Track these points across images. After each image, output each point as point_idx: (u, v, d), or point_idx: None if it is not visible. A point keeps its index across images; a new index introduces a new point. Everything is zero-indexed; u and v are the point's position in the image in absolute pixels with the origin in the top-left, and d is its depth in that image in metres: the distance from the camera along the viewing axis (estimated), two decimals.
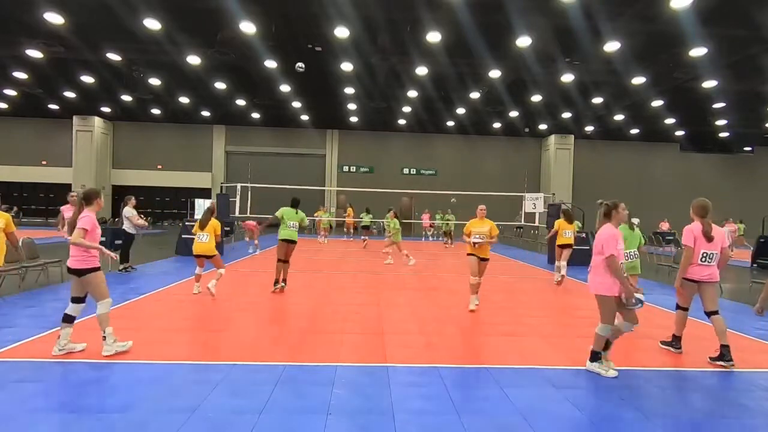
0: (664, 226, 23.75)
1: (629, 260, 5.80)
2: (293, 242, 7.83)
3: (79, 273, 4.30)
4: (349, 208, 22.05)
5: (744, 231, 21.80)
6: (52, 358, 4.27)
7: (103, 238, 9.92)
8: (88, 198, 4.42)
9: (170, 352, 4.62)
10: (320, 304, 7.08)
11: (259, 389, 3.67)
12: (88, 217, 4.32)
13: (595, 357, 4.30)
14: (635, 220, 21.66)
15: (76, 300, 4.42)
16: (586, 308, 7.30)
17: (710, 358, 4.70)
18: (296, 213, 7.98)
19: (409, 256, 12.09)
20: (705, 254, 4.64)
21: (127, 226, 9.51)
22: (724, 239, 4.73)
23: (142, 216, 10.18)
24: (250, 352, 4.61)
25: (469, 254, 6.80)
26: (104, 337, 4.33)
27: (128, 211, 9.45)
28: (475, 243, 6.62)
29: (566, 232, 9.60)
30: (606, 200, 4.55)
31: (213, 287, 7.07)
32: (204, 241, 7.18)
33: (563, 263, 9.38)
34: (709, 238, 4.64)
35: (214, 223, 7.31)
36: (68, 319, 4.41)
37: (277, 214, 7.95)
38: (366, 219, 18.12)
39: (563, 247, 9.50)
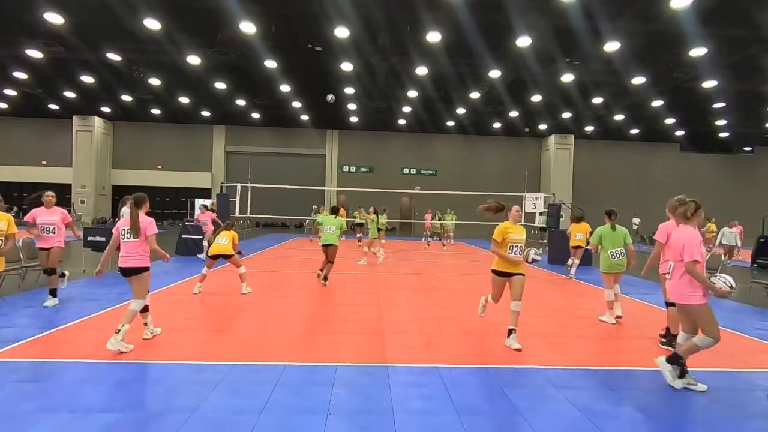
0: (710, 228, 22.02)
1: (614, 259, 6.22)
2: (333, 245, 8.62)
3: (137, 271, 4.67)
4: (341, 209, 21.70)
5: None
6: (52, 358, 4.28)
7: (103, 238, 9.95)
8: (140, 202, 4.87)
9: (170, 352, 4.62)
10: (320, 304, 7.08)
11: (259, 389, 3.67)
12: (152, 222, 4.81)
13: (675, 360, 3.99)
14: (636, 220, 21.48)
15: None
16: (586, 308, 7.31)
17: (661, 336, 5.27)
18: (335, 218, 8.77)
19: (376, 253, 12.62)
20: None
21: None
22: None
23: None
24: (250, 352, 4.61)
25: (495, 270, 5.17)
26: (118, 330, 4.43)
27: (125, 211, 9.41)
28: (532, 260, 5.19)
29: (577, 234, 10.32)
30: (690, 198, 4.16)
31: (245, 287, 7.71)
32: (224, 243, 7.58)
33: (576, 260, 10.34)
34: None
35: (234, 233, 7.86)
36: (145, 309, 4.85)
37: (318, 220, 9.10)
38: (381, 220, 16.69)
39: (575, 248, 10.47)
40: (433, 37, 13.19)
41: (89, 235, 9.81)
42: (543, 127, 26.84)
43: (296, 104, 22.72)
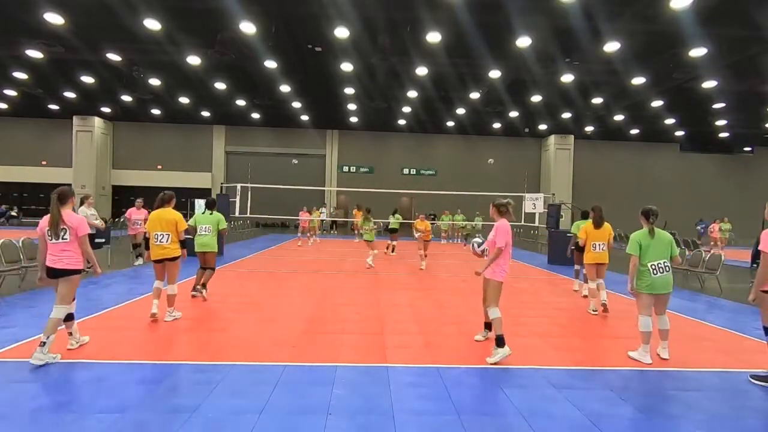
0: (717, 229, 20.37)
1: (656, 275, 4.75)
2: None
3: (64, 273, 4.23)
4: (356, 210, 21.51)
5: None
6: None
7: (102, 239, 9.95)
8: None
9: (170, 352, 4.63)
10: (320, 304, 7.08)
11: (259, 389, 3.67)
12: (83, 220, 4.42)
13: None
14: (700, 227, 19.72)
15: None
16: (585, 308, 7.29)
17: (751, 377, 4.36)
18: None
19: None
20: None
21: None
22: None
23: (99, 217, 10.07)
24: (250, 352, 4.61)
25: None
26: (43, 343, 4.11)
27: (82, 211, 9.29)
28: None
29: (598, 245, 8.24)
30: None
31: (169, 314, 5.99)
32: (164, 243, 5.84)
33: (601, 283, 8.91)
34: None
35: (174, 216, 5.93)
36: (70, 317, 4.42)
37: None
38: (394, 221, 15.58)
39: (597, 265, 9.09)
40: (433, 37, 13.19)
41: None
42: (543, 127, 26.83)
43: (296, 104, 22.71)
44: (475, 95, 19.59)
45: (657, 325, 4.82)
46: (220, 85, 19.51)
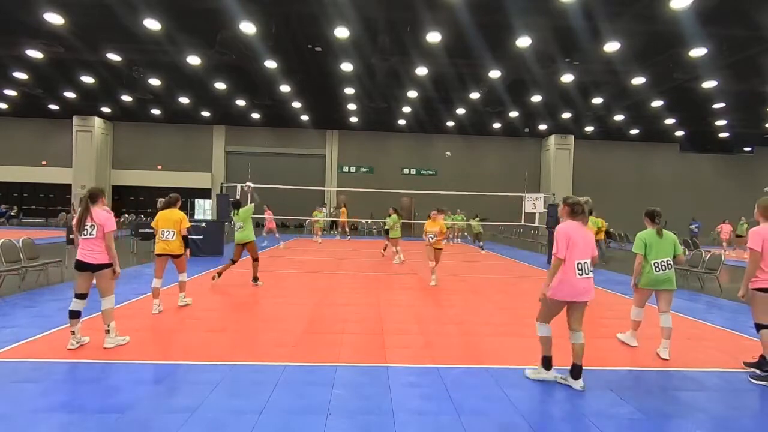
0: (726, 229, 20.43)
1: (659, 272, 5.01)
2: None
3: (97, 268, 4.59)
4: (343, 207, 21.35)
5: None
6: (52, 358, 4.27)
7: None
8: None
9: (170, 352, 4.63)
10: (320, 304, 7.08)
11: (259, 389, 3.67)
12: (110, 217, 4.84)
13: None
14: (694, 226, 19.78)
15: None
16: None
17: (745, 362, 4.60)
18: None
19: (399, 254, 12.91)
20: None
21: None
22: None
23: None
24: (250, 352, 4.61)
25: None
26: (107, 330, 4.66)
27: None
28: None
29: None
30: None
31: (181, 299, 6.70)
32: (169, 239, 6.37)
33: None
34: None
35: (178, 216, 6.48)
36: (77, 315, 4.60)
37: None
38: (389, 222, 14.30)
39: None
40: (433, 37, 13.19)
41: (72, 233, 9.66)
42: (543, 127, 26.83)
43: (296, 104, 22.71)
44: (475, 95, 19.59)
45: (660, 323, 4.97)
46: (220, 85, 19.51)
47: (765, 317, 4.32)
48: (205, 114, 25.99)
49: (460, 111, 22.94)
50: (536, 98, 19.93)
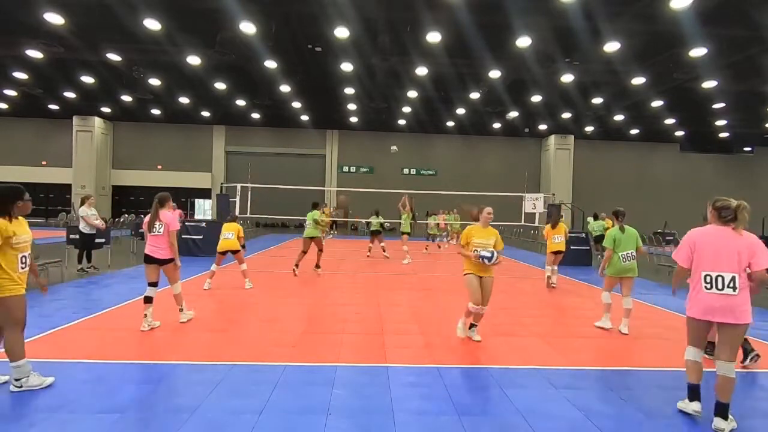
0: None
1: (625, 262, 5.87)
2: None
3: (163, 262, 5.42)
4: (325, 207, 20.24)
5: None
6: (52, 358, 4.27)
7: (102, 239, 9.93)
8: (163, 201, 5.76)
9: (170, 352, 4.63)
10: (320, 304, 7.08)
11: (259, 389, 3.67)
12: (175, 218, 5.56)
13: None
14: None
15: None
16: (585, 308, 7.30)
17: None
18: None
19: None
20: None
21: (82, 226, 9.41)
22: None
23: (100, 217, 10.02)
24: (250, 352, 4.61)
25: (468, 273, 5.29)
26: (181, 309, 5.68)
27: (82, 210, 9.38)
28: (482, 257, 5.07)
29: (556, 237, 9.22)
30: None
31: (248, 283, 8.14)
32: (230, 238, 7.93)
33: (554, 268, 9.32)
34: None
35: (239, 227, 8.20)
36: (149, 300, 5.32)
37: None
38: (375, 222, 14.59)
39: (554, 254, 9.26)
40: (433, 37, 13.19)
41: (71, 233, 9.66)
42: (543, 127, 26.83)
43: (296, 104, 22.71)
44: (475, 95, 19.59)
45: (622, 305, 5.86)
46: (220, 85, 19.51)
47: None
48: (205, 114, 26.00)
49: (460, 111, 22.94)
50: (536, 98, 19.93)
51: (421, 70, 16.23)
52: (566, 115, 23.35)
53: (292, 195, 20.38)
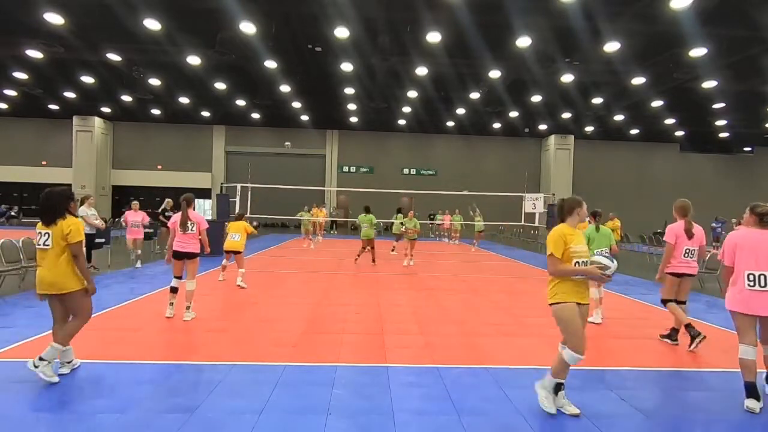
0: None
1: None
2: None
3: (190, 256, 5.90)
4: (315, 208, 19.06)
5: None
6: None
7: (102, 239, 9.95)
8: (189, 201, 6.09)
9: (170, 352, 4.63)
10: (320, 304, 7.08)
11: (259, 389, 3.67)
12: (203, 218, 6.08)
13: None
14: (715, 224, 19.96)
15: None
16: None
17: (660, 335, 5.49)
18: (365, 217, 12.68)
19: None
20: (687, 250, 5.12)
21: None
22: (703, 237, 5.24)
23: (99, 217, 10.04)
24: (250, 352, 4.61)
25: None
26: (188, 307, 5.85)
27: (82, 210, 9.34)
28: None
29: None
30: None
31: (240, 280, 8.26)
32: (236, 240, 8.26)
33: None
34: (689, 236, 5.12)
35: (245, 224, 8.51)
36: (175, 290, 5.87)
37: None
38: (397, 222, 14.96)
39: None
40: (433, 37, 13.19)
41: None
42: (543, 127, 26.83)
43: (296, 104, 22.71)
44: (475, 95, 19.59)
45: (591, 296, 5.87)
46: (220, 85, 19.51)
47: (670, 294, 5.17)
48: (205, 114, 26.00)
49: (460, 111, 22.94)
50: (536, 98, 19.94)
51: (421, 70, 16.23)
52: (566, 115, 23.35)
53: (292, 195, 20.36)
